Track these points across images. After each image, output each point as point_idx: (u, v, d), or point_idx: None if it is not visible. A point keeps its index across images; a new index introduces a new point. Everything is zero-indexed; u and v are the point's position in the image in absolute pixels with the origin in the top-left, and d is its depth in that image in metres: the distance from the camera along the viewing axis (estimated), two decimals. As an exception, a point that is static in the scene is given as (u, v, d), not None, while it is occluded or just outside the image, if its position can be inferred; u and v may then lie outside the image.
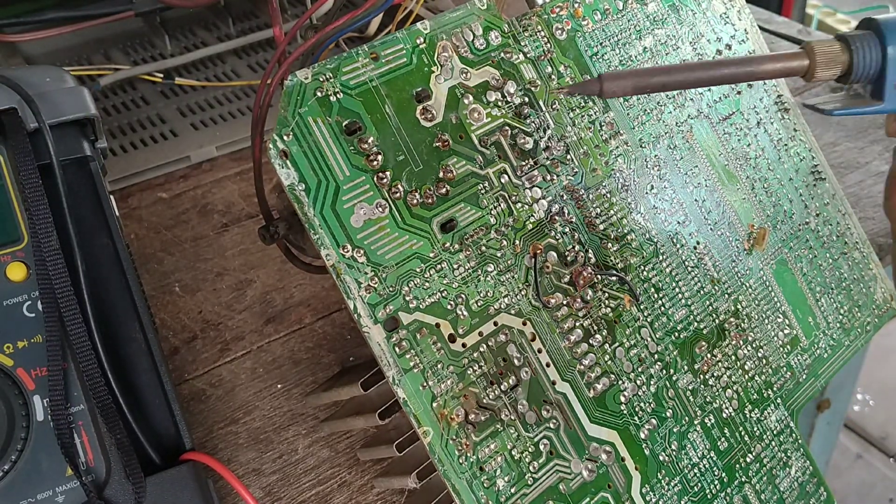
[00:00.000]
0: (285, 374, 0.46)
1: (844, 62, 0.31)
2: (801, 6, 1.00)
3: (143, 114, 0.61)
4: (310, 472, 0.42)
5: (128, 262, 0.38)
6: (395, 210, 0.34)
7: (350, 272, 0.32)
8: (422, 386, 0.33)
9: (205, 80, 0.65)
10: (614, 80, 0.31)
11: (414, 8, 0.52)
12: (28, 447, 0.34)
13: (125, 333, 0.37)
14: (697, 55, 0.44)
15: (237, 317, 0.49)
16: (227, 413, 0.44)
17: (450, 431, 0.33)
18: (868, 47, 0.31)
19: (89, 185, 0.39)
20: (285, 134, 0.32)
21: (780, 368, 0.44)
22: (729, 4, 0.46)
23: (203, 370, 0.46)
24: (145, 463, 0.35)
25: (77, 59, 0.65)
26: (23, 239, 0.36)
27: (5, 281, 0.35)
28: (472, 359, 0.34)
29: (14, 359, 0.34)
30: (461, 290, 0.35)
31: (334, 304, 0.50)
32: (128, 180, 0.56)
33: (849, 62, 0.31)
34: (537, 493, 0.35)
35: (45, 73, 0.40)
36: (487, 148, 0.36)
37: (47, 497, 0.34)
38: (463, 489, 0.33)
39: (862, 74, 0.31)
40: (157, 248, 0.52)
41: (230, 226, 0.54)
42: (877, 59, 0.31)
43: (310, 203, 0.32)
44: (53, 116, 0.38)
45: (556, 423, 0.36)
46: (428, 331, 0.34)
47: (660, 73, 0.31)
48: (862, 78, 0.32)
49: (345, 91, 0.33)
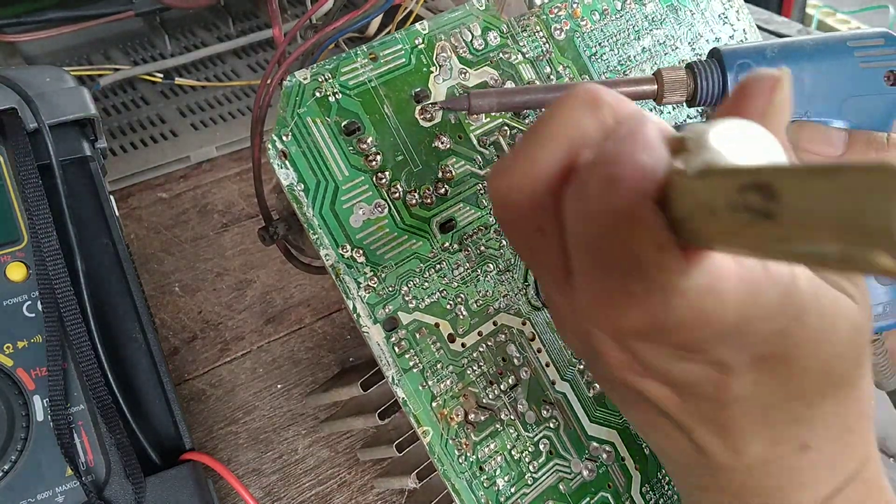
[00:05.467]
0: (285, 374, 0.46)
1: (690, 87, 0.34)
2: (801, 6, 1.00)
3: (143, 114, 0.61)
4: (310, 472, 0.42)
5: (128, 262, 0.38)
6: (395, 210, 0.34)
7: (349, 272, 0.32)
8: (421, 386, 0.33)
9: (205, 80, 0.65)
10: (481, 97, 0.32)
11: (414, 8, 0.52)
12: (28, 447, 0.34)
13: (125, 333, 0.37)
14: (696, 55, 0.44)
15: (237, 317, 0.49)
16: (227, 413, 0.44)
17: (449, 431, 0.33)
18: (710, 74, 0.33)
19: (89, 185, 0.39)
20: (284, 134, 0.32)
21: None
22: (727, 5, 0.46)
23: (203, 370, 0.46)
24: (145, 463, 0.35)
25: (77, 59, 0.65)
26: (23, 239, 0.36)
27: (5, 281, 0.35)
28: (472, 358, 0.35)
29: (14, 359, 0.35)
30: (460, 290, 0.35)
31: (334, 304, 0.50)
32: (128, 180, 0.57)
33: (693, 87, 0.34)
34: (537, 493, 0.35)
35: (45, 73, 0.40)
36: (486, 148, 0.36)
37: (47, 497, 0.34)
38: (463, 489, 0.33)
39: (706, 98, 0.34)
40: (157, 248, 0.52)
41: (230, 226, 0.54)
42: (718, 85, 0.33)
43: (309, 203, 0.32)
44: (53, 116, 0.38)
45: (555, 423, 0.36)
46: (427, 330, 0.34)
47: (521, 93, 0.33)
48: (706, 101, 0.34)
49: (343, 91, 0.33)
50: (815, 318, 0.22)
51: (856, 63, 0.34)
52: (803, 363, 0.23)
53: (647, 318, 0.20)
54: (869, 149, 0.33)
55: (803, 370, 0.23)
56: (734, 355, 0.22)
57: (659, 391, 0.24)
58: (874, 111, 0.34)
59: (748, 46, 0.34)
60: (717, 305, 0.20)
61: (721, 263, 0.20)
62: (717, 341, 0.21)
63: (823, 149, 0.33)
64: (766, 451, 0.25)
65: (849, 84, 0.34)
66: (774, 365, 0.23)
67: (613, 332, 0.22)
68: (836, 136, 0.33)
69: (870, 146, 0.33)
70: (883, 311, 0.35)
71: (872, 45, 0.34)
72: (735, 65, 0.33)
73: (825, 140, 0.33)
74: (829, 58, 0.34)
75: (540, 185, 0.21)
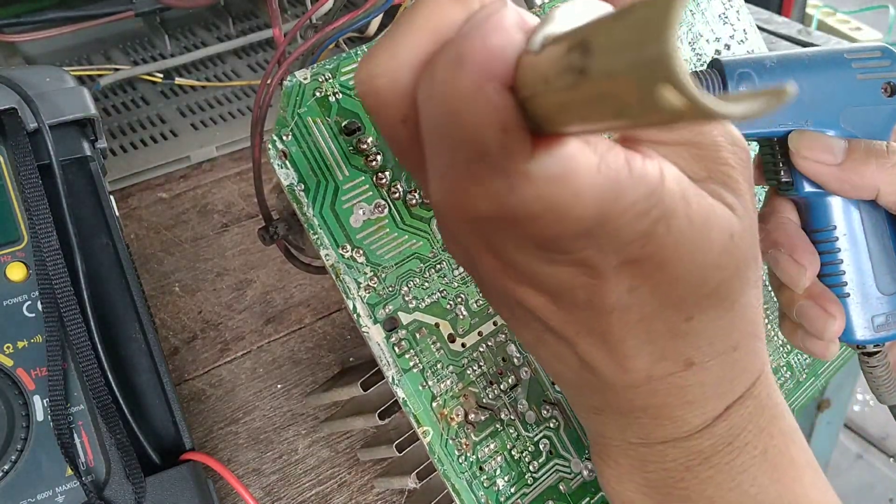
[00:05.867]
0: (285, 374, 0.46)
1: None
2: (801, 6, 1.00)
3: (143, 114, 0.61)
4: (310, 472, 0.42)
5: (128, 262, 0.38)
6: (395, 210, 0.34)
7: (349, 272, 0.32)
8: (421, 386, 0.33)
9: (205, 80, 0.65)
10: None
11: (414, 8, 0.52)
12: (28, 447, 0.34)
13: (125, 333, 0.37)
14: (696, 55, 0.44)
15: (237, 317, 0.49)
16: (227, 413, 0.44)
17: (449, 431, 0.33)
18: (712, 83, 0.34)
19: (89, 185, 0.39)
20: (284, 134, 0.32)
21: (779, 368, 0.44)
22: (728, 5, 0.46)
23: (203, 370, 0.46)
24: (145, 463, 0.35)
25: (77, 59, 0.65)
26: (23, 239, 0.36)
27: (5, 281, 0.35)
28: (472, 358, 0.35)
29: (14, 359, 0.35)
30: (461, 290, 0.35)
31: (334, 304, 0.50)
32: (128, 180, 0.57)
33: None
34: (537, 493, 0.35)
35: (45, 73, 0.40)
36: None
37: (47, 497, 0.34)
38: (463, 489, 0.33)
39: None
40: (157, 248, 0.52)
41: (230, 226, 0.54)
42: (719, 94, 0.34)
43: (309, 203, 0.32)
44: (53, 116, 0.38)
45: (556, 423, 0.36)
46: (427, 330, 0.34)
47: None
48: None
49: (344, 91, 0.33)
50: (683, 223, 0.22)
51: (853, 75, 0.34)
52: (674, 270, 0.22)
53: (493, 203, 0.20)
54: (869, 157, 0.33)
55: (675, 278, 0.23)
56: (601, 257, 0.22)
57: (535, 299, 0.24)
58: (873, 121, 0.34)
59: (748, 57, 0.34)
60: (571, 197, 0.19)
61: (578, 156, 0.19)
62: (578, 239, 0.21)
63: (823, 156, 0.34)
64: (652, 367, 0.25)
65: (847, 95, 0.34)
66: (646, 271, 0.22)
67: (462, 217, 0.21)
68: (836, 145, 0.34)
69: (869, 154, 0.33)
70: (885, 321, 0.35)
71: (870, 58, 0.34)
72: (735, 74, 0.34)
73: (825, 148, 0.34)
74: (827, 69, 0.34)
75: (403, 73, 0.21)
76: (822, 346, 0.36)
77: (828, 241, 0.35)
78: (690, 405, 0.26)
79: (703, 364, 0.25)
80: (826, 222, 0.35)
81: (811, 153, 0.34)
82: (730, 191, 0.24)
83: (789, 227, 0.36)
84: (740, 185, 0.25)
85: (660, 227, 0.21)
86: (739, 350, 0.26)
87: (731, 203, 0.24)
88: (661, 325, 0.24)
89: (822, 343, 0.36)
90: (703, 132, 0.24)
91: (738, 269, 0.24)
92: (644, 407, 0.26)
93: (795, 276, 0.35)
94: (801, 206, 0.36)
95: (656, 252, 0.22)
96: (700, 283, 0.23)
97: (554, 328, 0.25)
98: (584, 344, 0.25)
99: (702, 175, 0.24)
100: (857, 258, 0.35)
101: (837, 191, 0.34)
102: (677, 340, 0.24)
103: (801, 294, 0.35)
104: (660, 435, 0.27)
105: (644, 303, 0.23)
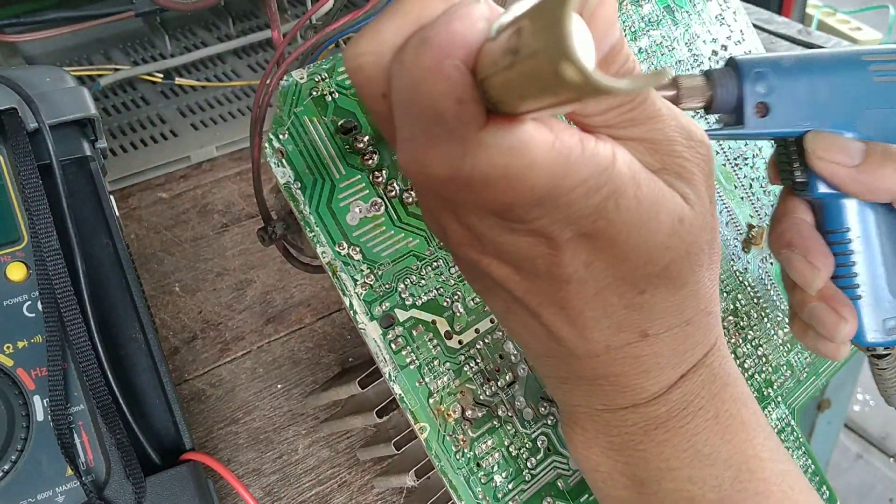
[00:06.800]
0: (285, 374, 0.46)
1: (708, 95, 0.34)
2: (801, 6, 1.00)
3: (143, 114, 0.61)
4: (310, 472, 0.42)
5: (128, 262, 0.38)
6: (391, 208, 0.34)
7: (346, 269, 0.32)
8: (418, 382, 0.33)
9: (205, 80, 0.65)
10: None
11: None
12: (28, 447, 0.34)
13: (125, 333, 0.37)
14: (693, 56, 0.44)
15: (237, 317, 0.49)
16: (227, 413, 0.44)
17: (446, 427, 0.33)
18: (728, 82, 0.34)
19: (89, 185, 0.39)
20: (281, 133, 0.32)
21: (780, 367, 0.44)
22: (724, 6, 0.46)
23: (203, 370, 0.46)
24: (145, 463, 0.35)
25: (77, 59, 0.65)
26: (23, 239, 0.36)
27: (5, 281, 0.35)
28: (469, 355, 0.35)
29: (14, 359, 0.35)
30: (457, 288, 0.35)
31: (334, 304, 0.50)
32: (128, 180, 0.57)
33: (711, 95, 0.34)
34: (535, 489, 0.35)
35: (45, 73, 0.40)
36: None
37: (47, 497, 0.34)
38: (460, 485, 0.33)
39: (723, 106, 0.34)
40: (157, 248, 0.53)
41: (230, 226, 0.54)
42: (735, 93, 0.34)
43: (305, 201, 0.32)
44: (53, 116, 0.38)
45: (553, 420, 0.36)
46: (424, 327, 0.34)
47: None
48: (723, 109, 0.34)
49: (340, 91, 0.33)
50: (632, 202, 0.23)
51: (871, 77, 0.34)
52: (624, 247, 0.24)
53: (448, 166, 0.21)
54: (886, 160, 0.33)
55: (625, 254, 0.24)
56: (556, 228, 0.23)
57: (500, 270, 0.26)
58: (891, 124, 0.34)
59: (765, 57, 0.34)
60: (524, 168, 0.21)
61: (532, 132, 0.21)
62: (533, 209, 0.22)
63: (840, 158, 0.34)
64: (610, 338, 0.27)
65: (864, 97, 0.34)
66: (598, 246, 0.24)
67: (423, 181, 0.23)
68: (854, 147, 0.34)
69: (886, 157, 0.33)
70: (895, 324, 0.36)
71: (888, 60, 0.34)
72: (752, 73, 0.34)
73: (842, 150, 0.34)
74: (844, 71, 0.34)
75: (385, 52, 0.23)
76: (833, 348, 0.36)
77: (841, 242, 0.35)
78: (647, 373, 0.28)
79: (658, 335, 0.27)
80: (840, 224, 0.35)
81: (827, 154, 0.34)
82: (683, 181, 0.26)
83: (803, 227, 0.36)
84: (695, 175, 0.26)
85: (609, 203, 0.23)
86: (692, 324, 0.27)
87: (684, 192, 0.25)
88: (617, 299, 0.26)
89: (833, 345, 0.36)
90: (657, 129, 0.26)
91: (689, 252, 0.26)
92: (605, 375, 0.28)
93: (809, 277, 0.35)
94: (816, 206, 0.36)
95: (606, 228, 0.23)
96: (648, 260, 0.25)
97: (520, 299, 0.26)
98: (547, 314, 0.26)
99: (656, 166, 0.25)
100: (870, 261, 0.35)
101: (853, 193, 0.34)
102: (632, 313, 0.26)
103: (813, 295, 0.35)
104: (621, 401, 0.28)
105: (599, 277, 0.25)
